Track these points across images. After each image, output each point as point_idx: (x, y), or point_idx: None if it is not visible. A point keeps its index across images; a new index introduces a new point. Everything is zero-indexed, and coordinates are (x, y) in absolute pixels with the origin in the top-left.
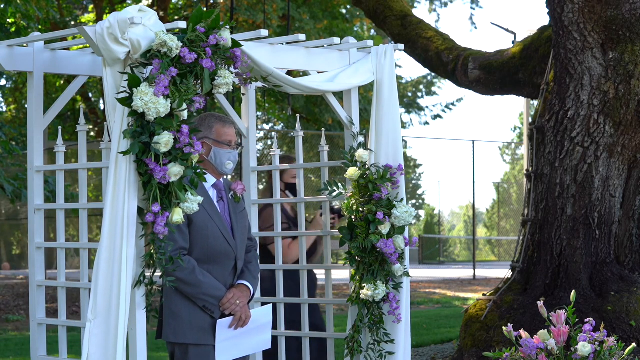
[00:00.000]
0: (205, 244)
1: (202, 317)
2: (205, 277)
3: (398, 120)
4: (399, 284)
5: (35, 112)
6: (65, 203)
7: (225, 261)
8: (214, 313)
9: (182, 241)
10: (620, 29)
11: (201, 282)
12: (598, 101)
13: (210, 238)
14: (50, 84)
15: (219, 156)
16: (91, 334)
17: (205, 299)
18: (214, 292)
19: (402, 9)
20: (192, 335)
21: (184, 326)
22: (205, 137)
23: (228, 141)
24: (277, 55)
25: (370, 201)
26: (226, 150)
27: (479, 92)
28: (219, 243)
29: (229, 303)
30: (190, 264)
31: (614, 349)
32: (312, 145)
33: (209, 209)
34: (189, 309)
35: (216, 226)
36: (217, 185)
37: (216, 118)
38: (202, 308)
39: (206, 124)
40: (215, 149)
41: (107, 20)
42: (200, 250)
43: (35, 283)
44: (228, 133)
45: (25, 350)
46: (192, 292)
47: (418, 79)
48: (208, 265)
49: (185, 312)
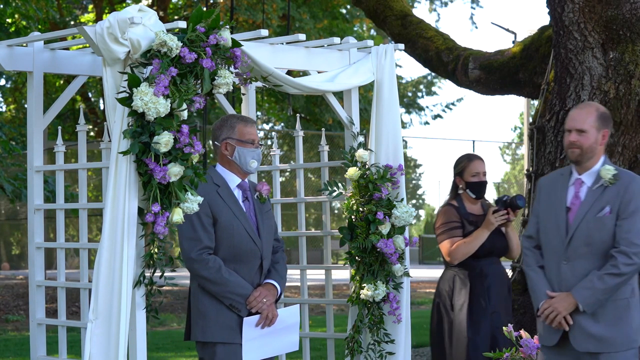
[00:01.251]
0: (230, 243)
1: (230, 316)
2: (231, 275)
3: (398, 120)
4: (399, 284)
5: (35, 112)
6: (65, 203)
7: (251, 260)
8: (240, 311)
9: (207, 240)
10: (621, 29)
11: (227, 281)
12: (598, 101)
13: (235, 237)
14: (50, 84)
15: (243, 155)
16: (92, 334)
17: (231, 297)
18: (241, 290)
19: (402, 9)
20: (220, 334)
21: (212, 325)
22: (229, 137)
23: (251, 140)
24: (277, 55)
25: (371, 201)
26: (250, 149)
27: (479, 92)
28: (245, 242)
29: (255, 301)
30: (216, 262)
31: None
32: (312, 145)
33: (234, 208)
34: (216, 307)
35: (241, 225)
36: (242, 186)
37: (238, 118)
38: (229, 307)
39: (228, 124)
40: (239, 148)
41: (107, 20)
42: (226, 249)
43: (35, 283)
44: (251, 132)
45: (25, 350)
46: (218, 290)
47: (418, 79)
48: (234, 264)
49: (212, 311)
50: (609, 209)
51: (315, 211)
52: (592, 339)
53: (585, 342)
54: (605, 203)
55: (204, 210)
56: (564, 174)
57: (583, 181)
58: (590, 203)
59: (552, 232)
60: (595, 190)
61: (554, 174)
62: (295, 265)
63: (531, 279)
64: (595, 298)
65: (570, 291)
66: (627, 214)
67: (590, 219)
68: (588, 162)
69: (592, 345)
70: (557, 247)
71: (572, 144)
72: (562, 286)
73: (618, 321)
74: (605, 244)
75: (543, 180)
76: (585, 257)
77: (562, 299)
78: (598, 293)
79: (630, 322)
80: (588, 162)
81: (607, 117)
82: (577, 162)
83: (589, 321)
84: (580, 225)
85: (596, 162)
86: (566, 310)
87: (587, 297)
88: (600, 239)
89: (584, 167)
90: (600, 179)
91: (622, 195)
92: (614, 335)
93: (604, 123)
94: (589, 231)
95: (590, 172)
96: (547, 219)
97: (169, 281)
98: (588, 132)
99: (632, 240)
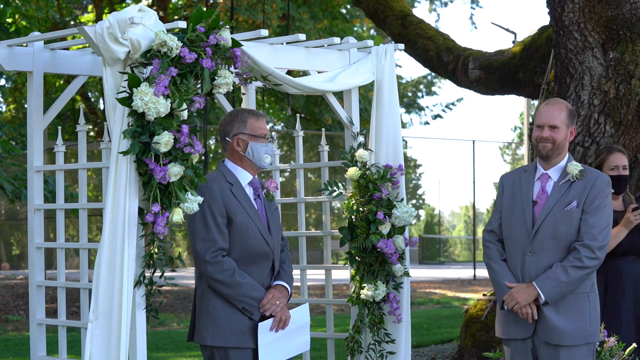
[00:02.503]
0: (245, 245)
1: (241, 320)
2: (244, 278)
3: (398, 120)
4: (399, 284)
5: (35, 112)
6: (65, 203)
7: (264, 262)
8: (253, 315)
9: (222, 242)
10: (621, 29)
11: (241, 284)
12: (598, 101)
13: (250, 238)
14: (50, 84)
15: (256, 151)
16: (93, 334)
17: (245, 300)
18: (254, 293)
19: (402, 9)
20: (232, 339)
21: (223, 329)
22: (240, 132)
23: (263, 134)
24: (277, 55)
25: (371, 201)
26: (262, 143)
27: (479, 92)
28: (259, 244)
29: (269, 304)
30: (230, 265)
31: (614, 349)
32: (312, 145)
33: (248, 208)
34: (228, 311)
35: (255, 226)
36: (253, 183)
37: (248, 112)
38: (241, 310)
39: (239, 119)
40: (252, 143)
41: (107, 20)
42: (240, 250)
43: (35, 283)
44: (262, 126)
45: (25, 350)
46: (231, 293)
47: (418, 79)
48: (247, 266)
49: (223, 315)
50: (576, 203)
51: (315, 211)
52: (554, 331)
53: (548, 334)
54: (572, 197)
55: (218, 210)
56: (528, 170)
57: (550, 176)
58: (557, 197)
59: (518, 225)
60: (562, 185)
61: (516, 170)
62: (295, 265)
63: (495, 272)
64: (559, 289)
65: (533, 282)
66: (592, 208)
67: (557, 213)
68: (556, 158)
69: (554, 337)
70: (522, 239)
71: (545, 139)
72: (525, 278)
73: (579, 315)
74: (571, 236)
75: (505, 176)
76: (550, 250)
77: (522, 290)
78: (561, 285)
79: (589, 317)
80: (557, 157)
81: (574, 115)
82: (547, 156)
83: (551, 313)
84: (547, 218)
85: (562, 158)
86: (525, 300)
87: (550, 288)
88: (566, 231)
89: (551, 163)
90: (567, 174)
91: (589, 190)
92: (574, 329)
93: (572, 120)
94: (555, 224)
95: (557, 167)
96: (511, 213)
97: (169, 281)
98: (560, 128)
99: (595, 235)
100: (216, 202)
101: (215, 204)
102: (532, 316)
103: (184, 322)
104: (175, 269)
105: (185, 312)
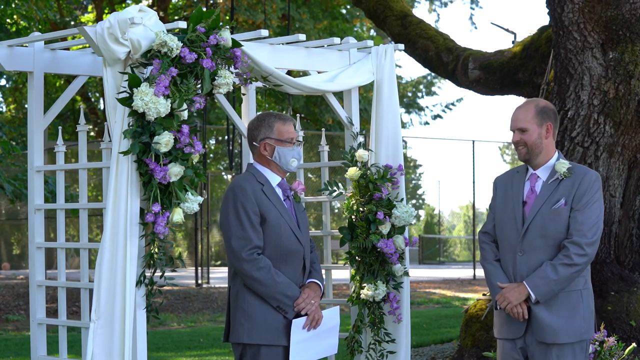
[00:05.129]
0: (278, 243)
1: (276, 317)
2: (279, 276)
3: (398, 120)
4: (399, 284)
5: (35, 112)
6: (65, 203)
7: (296, 260)
8: (287, 313)
9: (256, 240)
10: (620, 29)
11: (277, 282)
12: (598, 101)
13: (283, 237)
14: (50, 84)
15: (283, 155)
16: (95, 334)
17: (280, 298)
18: (290, 292)
19: (402, 9)
20: (266, 336)
21: (258, 327)
22: (267, 137)
23: (290, 139)
24: (277, 55)
25: (371, 201)
26: (289, 148)
27: (479, 92)
28: (291, 242)
29: (304, 303)
30: (266, 263)
31: (614, 348)
32: (312, 145)
33: (279, 207)
34: (263, 309)
35: (287, 225)
36: (282, 185)
37: (275, 116)
38: (276, 308)
39: (266, 123)
40: (279, 148)
41: (107, 20)
42: (273, 249)
43: (36, 283)
44: (289, 130)
45: (25, 350)
46: (267, 292)
47: (418, 79)
48: (280, 264)
49: (259, 313)
50: (564, 201)
51: (315, 211)
52: (547, 330)
53: (541, 333)
54: (561, 195)
55: (252, 209)
56: (520, 171)
57: (538, 176)
58: (546, 196)
59: (509, 225)
60: (550, 184)
61: (509, 172)
62: None
63: (488, 272)
64: (549, 288)
65: (524, 281)
66: (580, 205)
67: (546, 211)
68: (539, 158)
69: (548, 335)
70: (512, 239)
71: (517, 143)
72: (517, 277)
73: (572, 312)
74: (560, 234)
75: (499, 178)
76: (540, 249)
77: (513, 289)
78: (551, 283)
79: (582, 314)
80: (538, 157)
81: (547, 111)
82: (526, 160)
83: (543, 312)
84: (536, 217)
85: (550, 157)
86: (517, 299)
87: (540, 287)
88: (555, 230)
89: (538, 163)
90: (556, 172)
91: (577, 187)
92: (567, 327)
93: (545, 117)
94: (544, 222)
95: (545, 166)
96: (503, 213)
97: (169, 281)
98: (529, 130)
99: (584, 232)
100: (249, 201)
101: (248, 203)
102: (523, 315)
103: (184, 322)
104: (175, 269)
105: (185, 312)
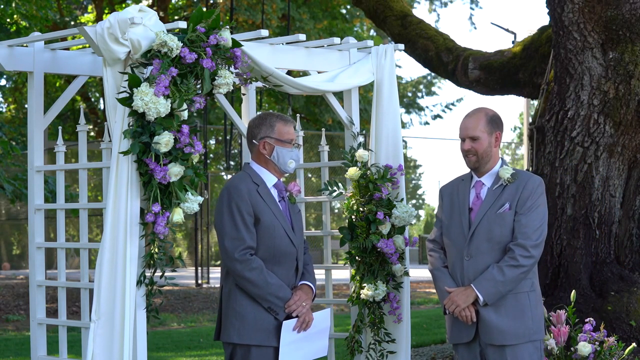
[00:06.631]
0: (271, 244)
1: (267, 318)
2: (272, 277)
3: (398, 120)
4: (399, 284)
5: (35, 112)
6: (65, 203)
7: (289, 262)
8: (278, 314)
9: (250, 240)
10: (620, 29)
11: (269, 283)
12: (598, 101)
13: (276, 238)
14: (50, 84)
15: (281, 155)
16: (95, 334)
17: (271, 300)
18: (281, 293)
19: (402, 9)
20: (257, 337)
21: (249, 327)
22: (267, 136)
23: (290, 140)
24: (277, 55)
25: (371, 201)
26: (288, 149)
27: (479, 92)
28: (285, 243)
29: (295, 304)
30: (258, 263)
31: (614, 348)
32: (312, 145)
33: (274, 208)
34: (254, 309)
35: (281, 226)
36: (278, 185)
37: (277, 117)
38: (267, 309)
39: (267, 123)
40: (278, 148)
41: (108, 20)
42: (266, 250)
43: (36, 283)
44: (289, 131)
45: (25, 350)
46: (258, 292)
47: (418, 79)
48: (272, 265)
49: (250, 313)
50: (508, 205)
51: (315, 211)
52: (496, 332)
53: (490, 335)
54: (505, 200)
55: (246, 209)
56: (465, 179)
57: (483, 183)
58: (491, 202)
59: (456, 231)
60: (495, 190)
61: (454, 180)
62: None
63: (436, 278)
64: (496, 289)
65: (471, 284)
66: (524, 209)
67: (491, 216)
68: (486, 166)
69: (496, 337)
70: (460, 244)
71: (468, 152)
72: (465, 281)
73: (520, 314)
74: (505, 238)
75: (444, 187)
76: (486, 253)
77: (460, 293)
78: (498, 285)
79: (531, 315)
80: (486, 165)
81: (496, 120)
82: (475, 168)
83: (491, 314)
84: (482, 222)
85: (494, 164)
86: (464, 302)
87: (487, 288)
88: (500, 234)
89: (483, 171)
90: (500, 179)
91: (521, 192)
92: (516, 328)
93: (495, 126)
94: (489, 227)
95: (490, 173)
96: (450, 220)
97: (169, 281)
98: (480, 138)
99: (529, 235)
100: (244, 201)
101: (243, 204)
102: (472, 318)
103: (184, 322)
104: (175, 269)
105: (185, 312)
